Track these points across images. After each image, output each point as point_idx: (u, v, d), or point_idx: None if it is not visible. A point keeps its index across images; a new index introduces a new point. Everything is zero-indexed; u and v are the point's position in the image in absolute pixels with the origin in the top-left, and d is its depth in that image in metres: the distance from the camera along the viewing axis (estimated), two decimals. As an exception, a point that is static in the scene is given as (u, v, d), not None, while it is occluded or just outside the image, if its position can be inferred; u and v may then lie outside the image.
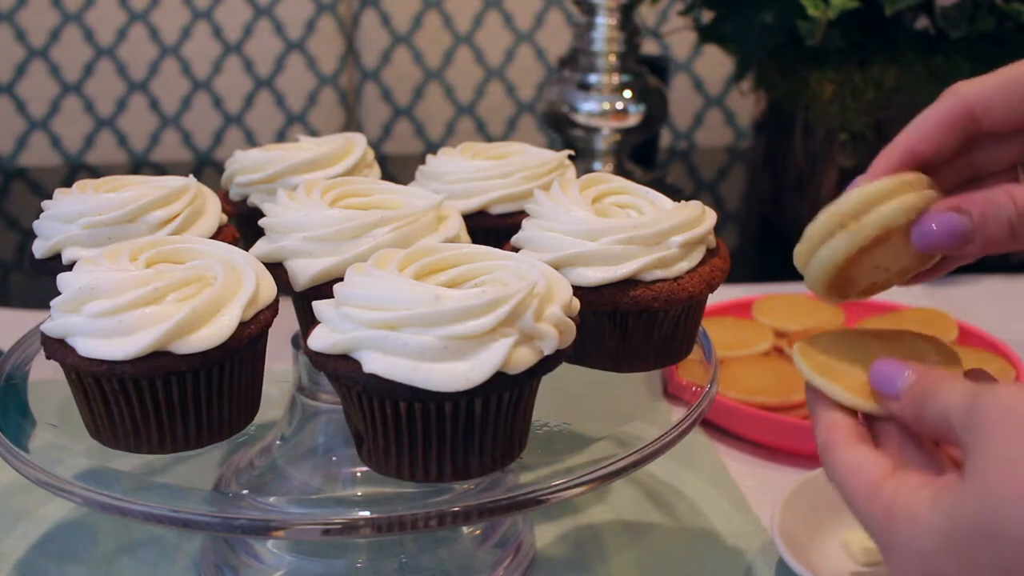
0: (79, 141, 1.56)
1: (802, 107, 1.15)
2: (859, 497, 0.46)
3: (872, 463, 0.47)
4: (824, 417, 0.50)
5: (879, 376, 0.48)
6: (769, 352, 0.88)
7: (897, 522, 0.44)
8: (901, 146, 0.52)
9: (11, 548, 0.67)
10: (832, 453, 0.48)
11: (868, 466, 0.46)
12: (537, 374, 0.51)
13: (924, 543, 0.43)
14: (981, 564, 0.42)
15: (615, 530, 0.69)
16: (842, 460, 0.47)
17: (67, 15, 1.50)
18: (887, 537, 0.45)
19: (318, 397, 0.65)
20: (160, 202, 0.61)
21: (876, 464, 0.46)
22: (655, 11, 1.52)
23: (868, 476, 0.46)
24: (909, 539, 0.43)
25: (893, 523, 0.44)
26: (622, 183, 0.62)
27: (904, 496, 0.44)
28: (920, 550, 0.43)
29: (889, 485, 0.45)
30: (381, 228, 0.58)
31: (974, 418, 0.43)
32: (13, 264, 1.23)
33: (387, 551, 0.63)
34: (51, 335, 0.53)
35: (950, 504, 0.42)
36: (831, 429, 0.49)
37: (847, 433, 0.48)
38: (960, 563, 0.42)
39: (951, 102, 0.51)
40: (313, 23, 1.53)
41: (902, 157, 0.52)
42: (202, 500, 0.57)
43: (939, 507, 0.43)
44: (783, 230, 1.24)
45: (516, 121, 1.60)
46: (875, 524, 0.45)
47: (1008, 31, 1.07)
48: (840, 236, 0.49)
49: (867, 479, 0.46)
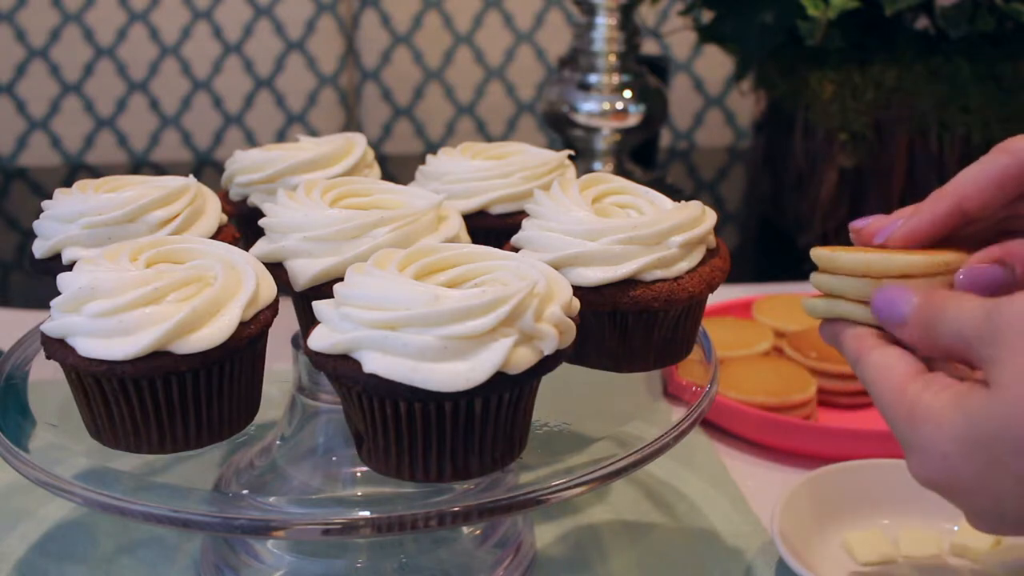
0: (79, 141, 1.56)
1: (802, 107, 1.15)
2: (885, 395, 0.46)
3: (901, 363, 0.47)
4: (849, 333, 0.50)
5: (882, 306, 0.48)
6: (769, 352, 0.88)
7: (919, 423, 0.44)
8: (950, 201, 0.50)
9: (11, 548, 0.67)
10: (863, 358, 0.48)
11: (897, 365, 0.46)
12: (537, 374, 0.51)
13: (945, 446, 0.43)
14: (1003, 470, 0.42)
15: (615, 530, 0.69)
16: (871, 361, 0.47)
17: (67, 15, 1.50)
18: (909, 438, 0.45)
19: (318, 397, 0.65)
20: (160, 202, 0.61)
21: (904, 363, 0.46)
22: (655, 11, 1.52)
23: (896, 375, 0.46)
24: (930, 441, 0.44)
25: (915, 424, 0.44)
26: (622, 183, 0.62)
27: (927, 397, 0.44)
28: (941, 452, 0.43)
29: (915, 386, 0.45)
30: (381, 228, 0.58)
31: (994, 329, 0.42)
32: (13, 264, 1.23)
33: (387, 551, 0.63)
34: (51, 335, 0.53)
35: (974, 409, 0.42)
36: (859, 338, 0.49)
37: (876, 338, 0.48)
38: (979, 467, 0.42)
39: (1005, 162, 0.50)
40: (313, 23, 1.53)
41: (950, 211, 0.50)
42: (202, 500, 0.57)
43: (962, 411, 0.43)
44: (783, 230, 1.24)
45: (516, 121, 1.60)
46: (899, 424, 0.45)
47: (1008, 31, 1.07)
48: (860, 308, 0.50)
49: (895, 378, 0.46)
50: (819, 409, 0.84)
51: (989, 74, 1.08)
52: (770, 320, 0.92)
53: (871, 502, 0.67)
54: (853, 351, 0.49)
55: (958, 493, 0.44)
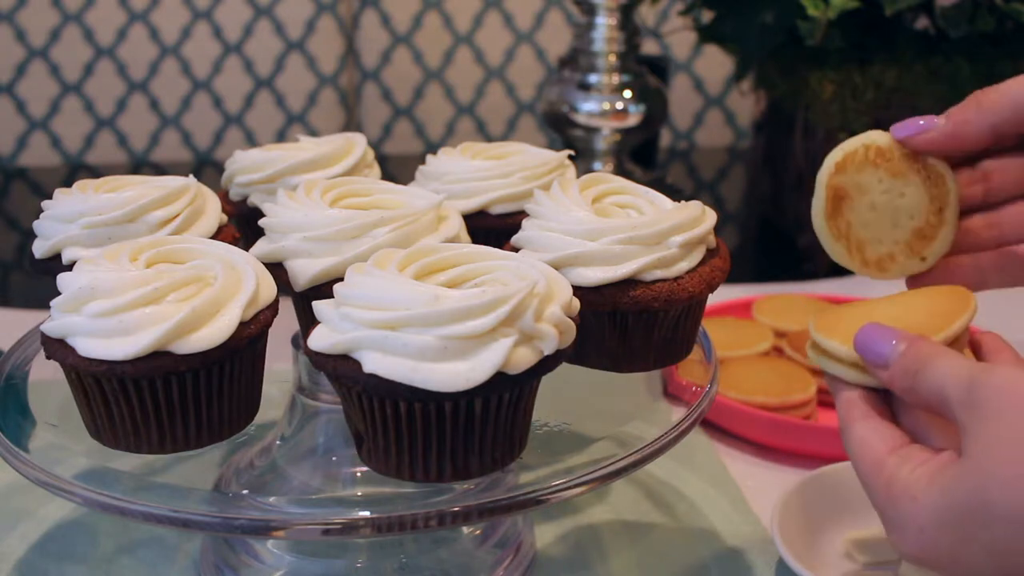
0: (79, 141, 1.56)
1: (802, 107, 1.15)
2: (864, 470, 0.47)
3: (879, 437, 0.47)
4: (842, 395, 0.50)
5: (863, 343, 0.49)
6: (769, 352, 0.88)
7: (896, 498, 0.45)
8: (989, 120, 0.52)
9: (11, 548, 0.67)
10: (847, 429, 0.49)
11: (875, 440, 0.47)
12: (537, 374, 0.51)
13: (920, 520, 0.44)
14: (973, 542, 0.42)
15: (615, 530, 0.69)
16: (854, 434, 0.48)
17: (67, 15, 1.50)
18: (888, 513, 0.45)
19: (318, 397, 0.65)
20: (160, 202, 0.61)
21: (882, 438, 0.47)
22: (655, 11, 1.52)
23: (874, 450, 0.47)
24: (907, 516, 0.44)
25: (893, 500, 0.45)
26: (622, 183, 0.62)
27: (904, 473, 0.45)
28: (917, 527, 0.44)
29: (892, 461, 0.46)
30: (381, 228, 0.58)
31: (973, 397, 0.43)
32: (13, 264, 1.23)
33: (387, 551, 0.63)
34: (51, 335, 0.53)
35: (946, 482, 0.43)
36: (847, 405, 0.49)
37: (862, 408, 0.49)
38: (953, 540, 0.43)
39: None
40: (313, 23, 1.53)
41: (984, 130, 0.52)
42: (202, 500, 0.57)
43: (935, 485, 0.43)
44: (783, 230, 1.24)
45: (516, 121, 1.60)
46: (878, 500, 0.46)
47: (1008, 31, 1.08)
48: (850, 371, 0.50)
49: (873, 454, 0.47)
50: (819, 409, 0.84)
51: (989, 74, 1.08)
52: (770, 320, 0.92)
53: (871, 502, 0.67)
54: (841, 418, 0.50)
55: (937, 566, 0.45)
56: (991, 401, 0.42)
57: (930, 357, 0.46)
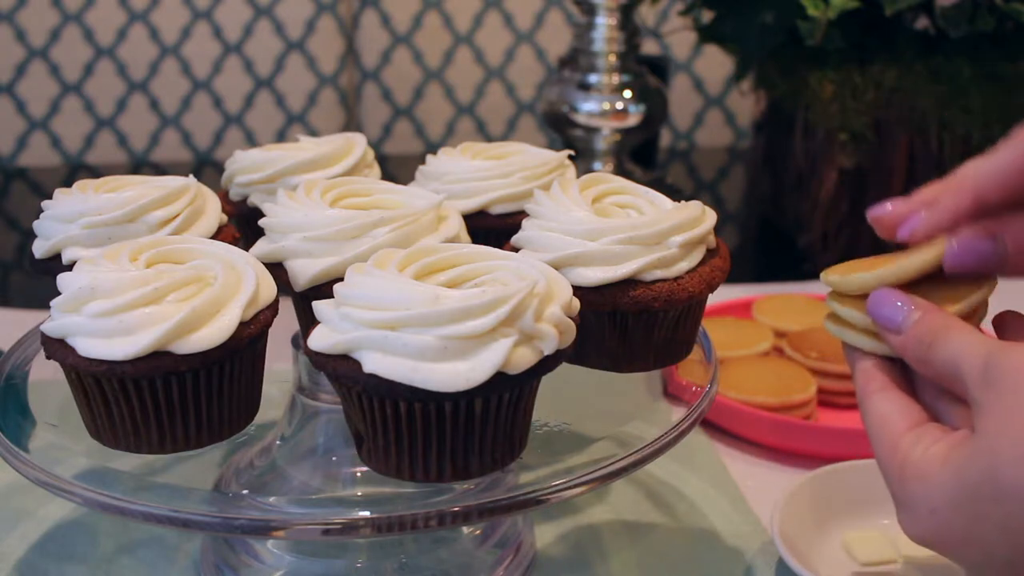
0: (79, 141, 1.56)
1: (802, 107, 1.15)
2: (879, 450, 0.46)
3: (897, 414, 0.46)
4: (859, 366, 0.49)
5: (878, 304, 0.47)
6: (769, 352, 0.88)
7: (908, 480, 0.44)
8: (971, 195, 0.48)
9: (11, 548, 0.67)
10: (865, 400, 0.48)
11: (893, 418, 0.46)
12: (537, 374, 0.51)
13: (933, 501, 0.43)
14: (987, 521, 0.42)
15: (615, 530, 0.69)
16: (871, 409, 0.47)
17: (67, 15, 1.50)
18: (899, 495, 0.45)
19: (318, 397, 0.65)
20: (160, 202, 0.61)
21: (901, 416, 0.46)
22: (655, 11, 1.52)
23: (891, 430, 0.46)
24: (919, 498, 0.44)
25: (904, 481, 0.44)
26: (622, 183, 0.62)
27: (917, 453, 0.44)
28: (929, 508, 0.43)
29: (907, 441, 0.45)
30: (381, 228, 0.58)
31: (989, 375, 0.42)
32: (13, 264, 1.23)
33: (387, 551, 0.63)
34: (51, 335, 0.53)
35: (959, 462, 0.42)
36: (865, 376, 0.49)
37: (880, 380, 0.48)
38: (966, 520, 0.42)
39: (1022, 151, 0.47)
40: (313, 23, 1.53)
41: (971, 206, 0.48)
42: (202, 500, 0.57)
43: (949, 465, 0.43)
44: (783, 230, 1.24)
45: (516, 121, 1.60)
46: (891, 480, 0.45)
47: (1008, 31, 1.07)
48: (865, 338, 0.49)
49: (889, 432, 0.46)
50: (819, 409, 0.84)
51: (989, 74, 1.08)
52: (770, 320, 0.92)
53: (871, 502, 0.67)
54: (859, 389, 0.49)
55: (949, 548, 0.44)
56: (1007, 380, 0.42)
57: (946, 329, 0.45)
